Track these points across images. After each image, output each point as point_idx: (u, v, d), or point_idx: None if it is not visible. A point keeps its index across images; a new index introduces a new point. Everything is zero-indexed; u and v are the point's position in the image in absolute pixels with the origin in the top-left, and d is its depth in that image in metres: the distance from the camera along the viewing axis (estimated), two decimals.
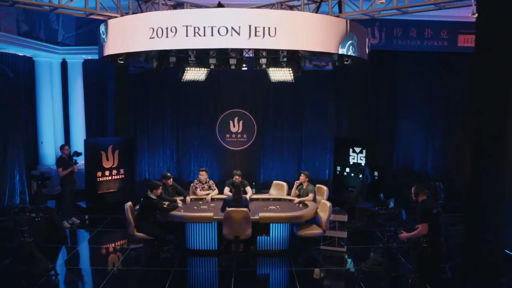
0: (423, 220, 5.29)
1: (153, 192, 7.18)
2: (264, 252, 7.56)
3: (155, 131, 12.14)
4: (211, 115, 12.07)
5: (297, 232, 7.41)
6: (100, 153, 10.06)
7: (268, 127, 12.19)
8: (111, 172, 10.29)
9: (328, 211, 7.28)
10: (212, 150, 12.01)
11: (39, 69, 10.99)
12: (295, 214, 7.48)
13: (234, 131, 12.00)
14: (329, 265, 7.36)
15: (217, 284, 6.64)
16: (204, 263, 7.34)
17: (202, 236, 7.51)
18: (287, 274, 7.01)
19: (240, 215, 6.85)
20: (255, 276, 7.08)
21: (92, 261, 7.56)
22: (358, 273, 6.61)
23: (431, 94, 11.95)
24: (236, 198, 7.11)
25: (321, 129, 12.14)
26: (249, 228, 6.96)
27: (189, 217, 7.32)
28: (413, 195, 5.52)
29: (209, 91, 12.01)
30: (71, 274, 6.94)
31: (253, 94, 12.05)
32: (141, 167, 12.13)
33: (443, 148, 12.08)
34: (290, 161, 12.24)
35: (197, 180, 8.65)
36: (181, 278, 6.86)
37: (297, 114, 12.15)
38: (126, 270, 7.08)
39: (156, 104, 12.06)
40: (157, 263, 7.20)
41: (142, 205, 7.26)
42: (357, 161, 10.51)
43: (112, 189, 10.32)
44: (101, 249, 8.10)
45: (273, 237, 7.54)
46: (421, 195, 5.47)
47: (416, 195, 5.49)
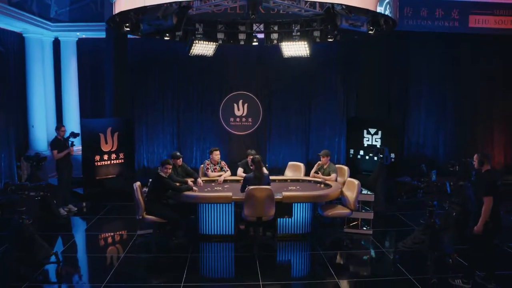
0: (488, 192, 4.74)
1: (164, 171, 6.49)
2: (286, 236, 6.93)
3: (154, 115, 11.43)
4: (214, 97, 11.43)
5: (322, 212, 6.80)
6: (98, 135, 9.28)
7: (274, 110, 11.59)
8: (110, 156, 9.52)
9: (356, 189, 6.69)
10: (215, 134, 11.35)
11: (29, 47, 10.15)
12: (321, 193, 6.88)
13: (238, 114, 11.36)
14: (358, 248, 6.79)
15: (241, 271, 5.95)
16: (221, 248, 6.67)
17: (217, 220, 6.84)
18: (315, 259, 6.38)
19: (264, 193, 6.20)
20: (281, 261, 6.45)
21: (95, 248, 6.81)
22: (393, 254, 6.01)
23: (442, 76, 11.51)
24: (258, 175, 6.46)
25: (329, 112, 11.60)
26: (273, 208, 6.33)
27: (205, 198, 6.64)
28: (477, 164, 4.97)
29: (212, 72, 11.36)
30: (74, 262, 6.20)
31: (259, 75, 11.44)
32: (139, 153, 11.41)
33: (455, 132, 11.64)
34: (298, 145, 11.66)
35: (209, 160, 7.97)
36: (199, 265, 6.20)
37: (304, 96, 11.58)
38: (135, 258, 6.37)
39: (156, 86, 11.36)
40: (170, 249, 6.51)
41: (152, 185, 6.56)
42: (372, 143, 9.95)
43: (111, 175, 9.55)
44: (104, 236, 7.35)
45: (295, 219, 6.92)
46: (486, 164, 4.92)
47: (481, 164, 4.94)
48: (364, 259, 6.52)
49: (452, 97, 11.58)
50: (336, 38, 8.30)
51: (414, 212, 8.62)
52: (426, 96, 11.62)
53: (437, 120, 11.63)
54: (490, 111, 11.58)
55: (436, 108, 11.61)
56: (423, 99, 11.65)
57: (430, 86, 11.58)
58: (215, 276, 5.99)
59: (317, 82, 11.55)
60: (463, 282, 5.18)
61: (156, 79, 11.33)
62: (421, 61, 11.49)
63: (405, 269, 5.75)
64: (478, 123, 11.57)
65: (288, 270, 6.22)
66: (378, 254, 6.55)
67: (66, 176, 8.30)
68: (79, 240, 7.15)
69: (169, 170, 6.53)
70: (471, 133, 11.58)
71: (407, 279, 5.50)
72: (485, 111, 11.57)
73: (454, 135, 11.62)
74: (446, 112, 11.62)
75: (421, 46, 11.38)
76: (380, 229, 7.49)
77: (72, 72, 10.71)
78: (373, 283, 5.54)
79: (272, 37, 8.55)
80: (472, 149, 10.83)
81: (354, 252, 6.63)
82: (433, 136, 11.67)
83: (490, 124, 11.61)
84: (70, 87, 10.70)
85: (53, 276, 5.61)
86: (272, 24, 8.47)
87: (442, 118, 11.60)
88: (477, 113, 11.54)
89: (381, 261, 6.27)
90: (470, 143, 11.49)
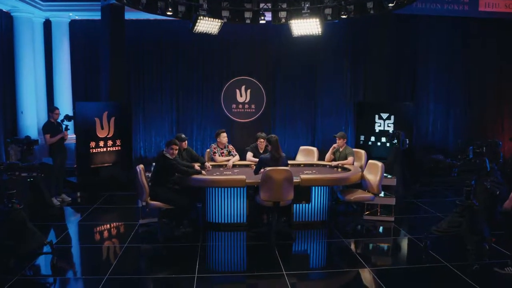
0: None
1: (170, 152, 5.87)
2: (302, 223, 6.36)
3: (152, 101, 10.83)
4: (215, 83, 10.86)
5: (343, 197, 6.23)
6: (93, 119, 8.60)
7: (278, 96, 11.06)
8: (106, 143, 8.86)
9: (379, 172, 6.14)
10: (216, 122, 10.72)
11: (18, 28, 9.45)
12: (341, 175, 6.32)
13: (241, 101, 10.77)
14: (383, 235, 6.25)
15: (261, 261, 5.30)
16: (234, 238, 6.07)
17: (228, 207, 6.24)
18: (339, 247, 5.81)
19: (282, 175, 5.61)
20: (302, 250, 5.87)
21: (94, 239, 6.14)
22: (425, 240, 5.47)
23: (451, 60, 11.03)
24: (275, 155, 5.88)
25: (336, 97, 11.10)
26: (292, 192, 5.74)
27: (216, 181, 6.03)
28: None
29: (214, 56, 10.80)
30: (70, 253, 5.55)
31: (262, 60, 10.91)
32: (136, 142, 10.77)
33: (464, 118, 11.16)
34: (303, 133, 11.13)
35: (215, 144, 7.36)
36: (212, 255, 5.57)
37: (309, 81, 11.06)
38: (140, 248, 5.74)
39: (154, 71, 10.76)
40: (177, 239, 5.90)
41: (157, 167, 5.94)
42: (384, 128, 9.42)
43: (108, 163, 8.89)
44: (102, 226, 6.70)
45: (313, 205, 6.35)
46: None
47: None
48: (392, 247, 5.96)
49: (461, 83, 11.11)
50: (350, 15, 7.78)
51: (433, 199, 8.20)
52: (435, 81, 11.13)
53: (446, 106, 11.14)
54: (500, 96, 11.12)
55: (445, 94, 11.13)
56: (431, 84, 11.16)
57: (439, 71, 11.11)
58: (233, 266, 5.37)
59: (322, 67, 11.04)
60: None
61: (154, 63, 10.71)
62: (429, 46, 11.01)
63: (439, 255, 5.22)
64: (487, 109, 11.11)
65: (311, 259, 5.64)
66: (406, 241, 6.01)
67: (59, 162, 7.64)
68: (75, 231, 6.49)
69: (175, 151, 5.91)
70: (481, 119, 11.11)
71: (444, 267, 4.96)
72: (495, 97, 11.11)
73: (464, 121, 11.14)
74: (455, 97, 11.14)
75: (430, 30, 10.94)
76: (402, 216, 6.96)
77: (65, 55, 10.02)
78: (407, 271, 4.98)
79: (280, 16, 8.03)
80: (482, 136, 10.42)
81: (379, 239, 6.10)
82: (442, 123, 11.18)
83: (500, 110, 11.15)
84: (62, 70, 10.00)
85: (47, 269, 4.96)
86: (280, 2, 7.93)
87: (451, 103, 11.12)
88: (487, 99, 11.08)
89: (411, 248, 5.72)
90: (481, 129, 11.01)
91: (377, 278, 4.66)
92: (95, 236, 6.24)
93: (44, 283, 4.70)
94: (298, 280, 4.73)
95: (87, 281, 4.70)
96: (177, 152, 6.01)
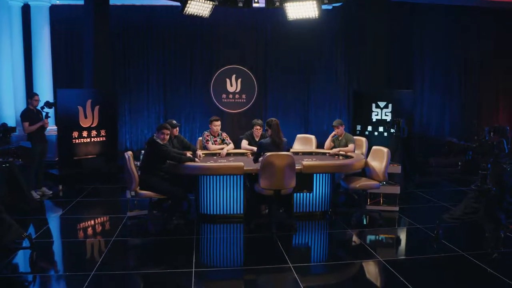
0: None
1: (161, 137, 5.40)
2: (303, 214, 5.95)
3: (138, 91, 10.30)
4: (204, 72, 10.40)
5: (347, 185, 5.85)
6: (76, 108, 8.05)
7: (270, 85, 10.65)
8: (90, 133, 8.31)
9: (385, 158, 5.78)
10: (206, 113, 10.25)
11: None
12: (345, 162, 5.93)
13: (231, 91, 10.36)
14: (390, 225, 5.89)
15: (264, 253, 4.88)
16: (232, 230, 5.61)
17: (224, 197, 5.79)
18: (346, 237, 5.43)
19: (284, 161, 5.19)
20: (306, 242, 5.42)
21: (77, 233, 5.59)
22: (436, 228, 5.12)
23: (447, 49, 10.76)
24: (276, 140, 5.46)
25: (330, 87, 10.75)
26: (294, 179, 5.33)
27: (212, 169, 5.57)
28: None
29: (203, 44, 10.32)
30: (52, 248, 5.04)
31: (253, 48, 10.52)
32: (121, 134, 10.23)
33: (461, 109, 10.91)
34: (296, 123, 10.73)
35: (208, 132, 6.91)
36: (209, 248, 5.10)
37: (302, 70, 10.69)
38: (129, 242, 5.26)
39: (140, 60, 10.23)
40: (170, 231, 5.43)
41: (147, 153, 5.46)
42: (381, 117, 9.09)
43: (92, 154, 8.34)
44: (87, 220, 6.14)
45: (315, 194, 5.95)
46: None
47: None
48: (402, 237, 5.59)
49: (457, 72, 10.87)
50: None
51: (434, 190, 7.91)
52: (430, 70, 10.86)
53: (442, 97, 10.88)
54: (496, 87, 10.91)
55: (441, 84, 10.86)
56: (427, 72, 10.88)
57: (435, 60, 10.85)
58: (234, 260, 4.88)
59: (316, 55, 10.68)
60: None
61: (140, 52, 10.19)
62: (425, 35, 10.73)
63: (453, 245, 4.88)
64: (484, 100, 10.88)
65: (318, 251, 5.23)
66: (415, 231, 5.64)
67: (39, 153, 7.08)
68: (56, 225, 5.95)
69: (166, 136, 5.45)
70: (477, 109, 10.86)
71: (460, 256, 4.62)
72: (492, 88, 10.89)
73: (460, 110, 10.88)
74: (451, 86, 10.88)
75: (425, 18, 10.64)
76: (405, 206, 6.62)
77: (45, 40, 9.39)
78: (423, 261, 4.61)
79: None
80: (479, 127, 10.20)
81: (387, 229, 5.72)
82: (438, 112, 10.90)
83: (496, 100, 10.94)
84: (42, 56, 9.35)
85: (26, 266, 4.45)
86: None
87: (447, 92, 10.86)
88: (483, 90, 10.84)
89: (422, 238, 5.34)
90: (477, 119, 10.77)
91: (392, 269, 4.28)
92: (79, 230, 5.71)
93: (22, 282, 4.19)
94: (307, 273, 4.33)
95: (71, 278, 4.20)
96: (168, 138, 5.55)
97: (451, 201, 6.92)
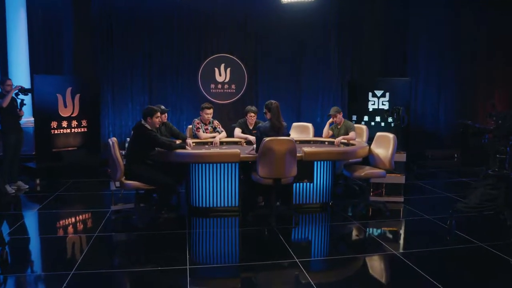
0: None
1: (149, 121, 4.91)
2: (303, 206, 5.52)
3: (121, 81, 9.65)
4: (191, 61, 9.84)
5: (351, 174, 5.44)
6: (55, 96, 7.45)
7: (261, 75, 10.15)
8: (70, 123, 7.72)
9: (392, 144, 5.39)
10: (193, 104, 9.72)
11: None
12: (349, 149, 5.51)
13: (220, 80, 9.87)
14: (398, 216, 5.50)
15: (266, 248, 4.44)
16: (227, 224, 5.15)
17: (217, 188, 5.32)
18: (354, 230, 5.02)
19: (284, 146, 4.75)
20: (310, 235, 4.97)
21: (55, 229, 5.03)
22: (449, 219, 4.74)
23: (442, 38, 10.42)
24: (275, 124, 5.00)
25: (323, 76, 10.29)
26: (295, 167, 4.89)
27: (206, 156, 5.08)
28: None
29: (190, 31, 9.78)
30: (26, 245, 4.49)
31: (243, 36, 10.00)
32: (103, 126, 9.60)
33: (456, 102, 10.61)
34: (288, 114, 10.17)
35: (198, 119, 6.42)
36: (204, 243, 4.63)
37: (295, 60, 10.22)
38: (113, 238, 4.74)
39: (124, 48, 9.58)
40: (159, 226, 4.94)
41: (134, 139, 4.96)
42: (378, 107, 8.73)
43: (72, 146, 7.76)
44: (66, 214, 5.58)
45: (316, 184, 5.52)
46: None
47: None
48: (412, 229, 5.12)
49: (452, 61, 10.55)
50: None
51: (434, 181, 7.59)
52: (426, 60, 10.53)
53: (437, 85, 10.55)
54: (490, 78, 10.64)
55: (436, 73, 10.54)
56: (422, 63, 10.55)
57: (430, 50, 10.51)
58: (232, 255, 4.37)
59: (308, 44, 10.21)
60: None
61: (123, 38, 9.55)
62: (421, 22, 10.40)
63: (469, 235, 4.51)
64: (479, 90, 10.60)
65: (325, 245, 4.77)
66: (426, 222, 5.23)
67: (13, 144, 6.49)
68: (32, 220, 5.38)
69: (157, 120, 4.95)
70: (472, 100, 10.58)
71: (479, 247, 4.25)
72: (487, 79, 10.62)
73: (455, 101, 10.58)
74: (446, 77, 10.57)
75: (422, 4, 10.29)
76: (411, 197, 6.24)
77: (21, 24, 8.70)
78: (441, 253, 4.21)
79: None
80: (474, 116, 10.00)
81: (395, 221, 5.33)
82: (433, 102, 10.58)
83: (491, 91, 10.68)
84: (17, 40, 8.66)
85: None
86: None
87: (442, 83, 10.55)
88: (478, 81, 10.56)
89: (434, 229, 4.94)
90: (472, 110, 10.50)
91: (409, 263, 3.87)
92: (57, 226, 5.15)
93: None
94: (316, 268, 3.89)
95: (48, 278, 3.68)
96: (158, 121, 5.05)
97: (455, 192, 6.60)
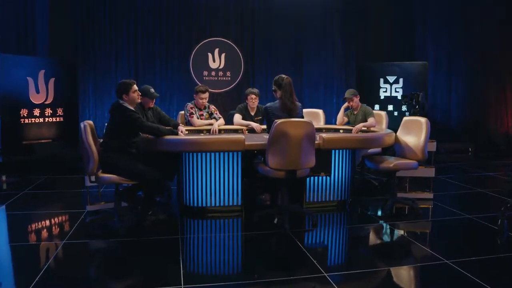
0: None
1: (126, 99, 3.96)
2: (317, 205, 4.61)
3: (104, 68, 8.68)
4: (183, 44, 8.93)
5: (377, 166, 4.54)
6: (25, 79, 6.46)
7: (258, 61, 9.30)
8: (43, 112, 6.74)
9: (424, 130, 4.51)
10: (184, 93, 8.82)
11: None
12: (374, 135, 4.63)
13: (214, 67, 9.00)
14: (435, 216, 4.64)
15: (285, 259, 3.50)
16: (229, 226, 4.22)
17: (216, 184, 4.39)
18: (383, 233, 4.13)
19: (301, 129, 3.83)
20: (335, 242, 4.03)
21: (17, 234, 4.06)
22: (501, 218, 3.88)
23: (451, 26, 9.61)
24: (287, 104, 4.08)
25: (325, 64, 9.45)
26: (313, 156, 3.98)
27: (202, 143, 4.12)
28: None
29: (181, 12, 8.87)
30: None
31: (239, 18, 9.12)
32: (84, 117, 8.61)
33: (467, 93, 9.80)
34: None
35: (192, 103, 5.48)
36: (203, 252, 3.68)
37: (295, 44, 9.38)
38: (86, 245, 3.77)
39: (106, 30, 8.61)
40: (145, 230, 4.00)
41: (112, 123, 4.01)
42: (391, 94, 7.88)
43: (46, 138, 6.77)
44: (32, 216, 4.57)
45: (333, 178, 4.62)
46: None
47: None
48: (457, 231, 4.18)
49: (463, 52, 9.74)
50: None
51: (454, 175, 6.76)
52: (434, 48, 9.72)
53: (447, 73, 9.74)
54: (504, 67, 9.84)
55: (445, 64, 9.73)
56: (430, 51, 9.74)
57: (438, 38, 9.70)
58: (240, 267, 3.43)
59: (310, 28, 9.37)
60: None
61: (107, 19, 8.58)
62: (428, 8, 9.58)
63: None
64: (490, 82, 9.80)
65: (355, 253, 3.77)
66: (468, 222, 4.33)
67: None
68: None
69: (135, 95, 4.00)
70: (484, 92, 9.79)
71: None
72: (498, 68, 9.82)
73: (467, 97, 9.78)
74: (455, 64, 9.76)
75: None
76: (439, 193, 5.37)
77: None
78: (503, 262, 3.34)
79: None
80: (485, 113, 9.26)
81: (435, 221, 4.48)
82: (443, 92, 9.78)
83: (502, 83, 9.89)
84: None
85: None
86: None
87: (452, 70, 9.73)
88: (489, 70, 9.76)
89: (482, 231, 4.06)
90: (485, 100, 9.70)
91: (470, 275, 2.98)
92: (16, 231, 4.16)
93: None
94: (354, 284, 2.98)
95: None
96: (137, 95, 4.08)
97: (485, 187, 5.76)
